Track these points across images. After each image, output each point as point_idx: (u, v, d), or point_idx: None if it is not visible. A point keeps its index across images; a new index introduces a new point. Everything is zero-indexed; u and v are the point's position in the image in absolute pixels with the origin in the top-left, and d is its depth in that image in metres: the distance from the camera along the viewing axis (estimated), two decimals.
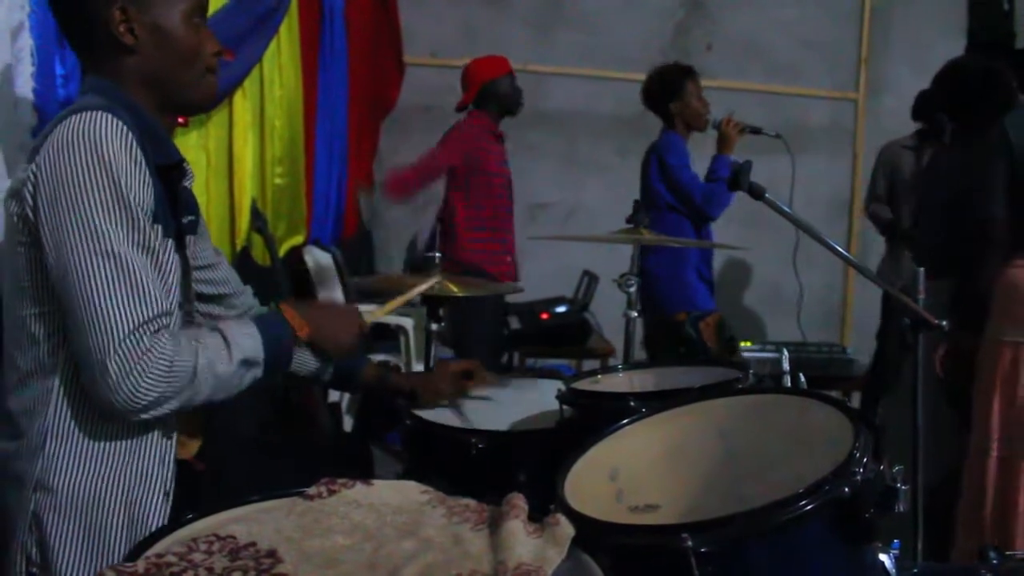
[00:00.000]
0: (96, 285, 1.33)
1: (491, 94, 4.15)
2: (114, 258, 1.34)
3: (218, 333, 1.44)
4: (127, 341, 1.32)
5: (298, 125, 3.90)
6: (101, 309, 1.33)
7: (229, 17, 2.84)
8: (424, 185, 4.06)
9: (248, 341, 1.46)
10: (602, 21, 5.83)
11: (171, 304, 1.45)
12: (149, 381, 1.33)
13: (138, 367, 1.32)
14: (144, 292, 1.36)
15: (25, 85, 1.93)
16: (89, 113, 1.37)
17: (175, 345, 1.36)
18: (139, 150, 1.39)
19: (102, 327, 1.32)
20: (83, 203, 1.34)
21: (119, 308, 1.33)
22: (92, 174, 1.34)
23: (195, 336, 1.42)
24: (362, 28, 4.90)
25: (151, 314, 1.36)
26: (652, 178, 3.83)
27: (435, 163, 4.05)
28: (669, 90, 3.82)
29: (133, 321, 1.33)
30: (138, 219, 1.37)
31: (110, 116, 1.37)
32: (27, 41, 1.93)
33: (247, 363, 1.46)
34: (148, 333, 1.35)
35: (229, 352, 1.42)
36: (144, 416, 1.36)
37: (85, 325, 1.33)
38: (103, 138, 1.35)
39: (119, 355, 1.32)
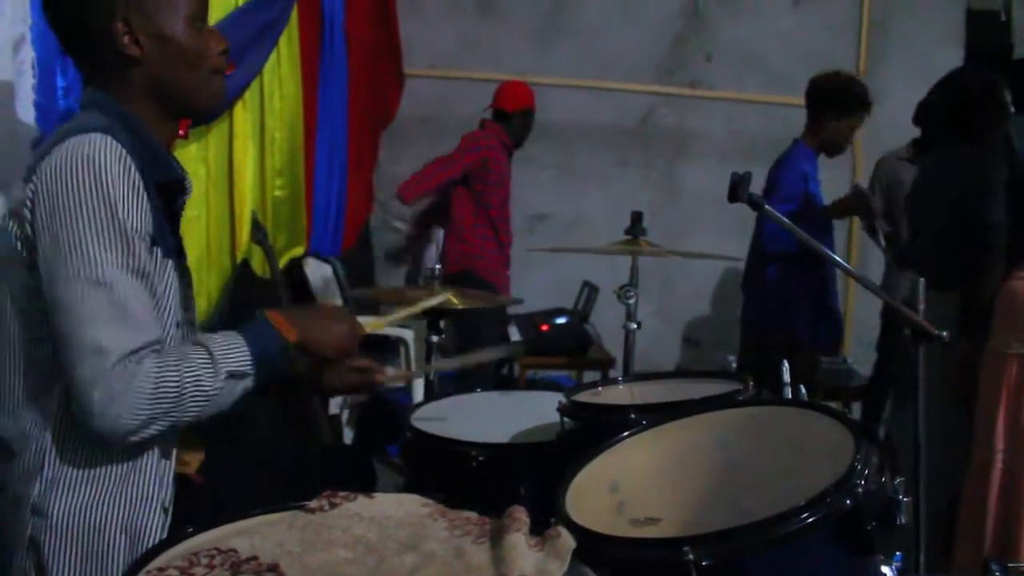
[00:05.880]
0: (86, 312, 1.32)
1: (521, 118, 4.39)
2: (106, 286, 1.33)
3: (203, 348, 1.42)
4: (114, 371, 1.31)
5: (298, 137, 3.91)
6: (90, 337, 1.31)
7: (229, 29, 2.84)
8: (437, 182, 4.23)
9: (234, 353, 1.43)
10: (601, 32, 5.84)
11: (165, 330, 1.44)
12: (133, 408, 1.32)
13: (122, 396, 1.31)
14: (134, 321, 1.34)
15: (26, 97, 1.94)
16: (89, 136, 1.36)
17: (160, 366, 1.35)
18: (138, 174, 1.38)
19: (90, 355, 1.31)
20: (78, 228, 1.33)
21: (108, 337, 1.32)
22: (89, 199, 1.33)
23: (180, 354, 1.39)
24: (362, 40, 4.91)
25: (140, 343, 1.34)
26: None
27: (453, 163, 4.19)
28: (838, 103, 3.58)
29: (121, 350, 1.32)
30: (134, 245, 1.36)
31: (110, 139, 1.36)
32: (28, 53, 1.94)
33: (235, 376, 1.43)
34: (135, 361, 1.33)
35: (215, 367, 1.40)
36: (132, 439, 1.35)
37: (74, 352, 1.32)
38: (102, 163, 1.34)
39: (106, 384, 1.31)
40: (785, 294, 3.56)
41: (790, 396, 1.83)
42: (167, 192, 1.52)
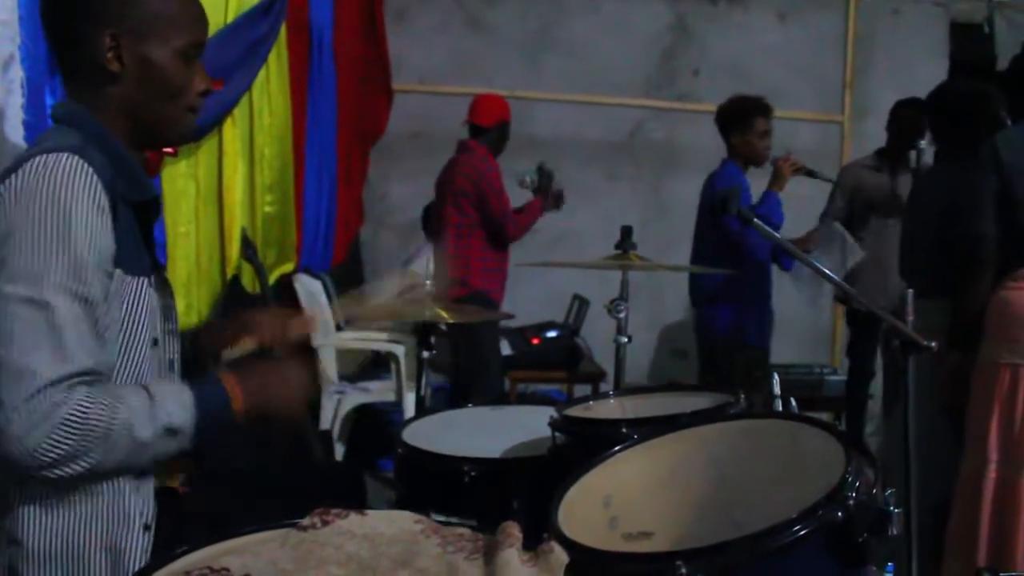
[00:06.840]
0: (18, 332, 1.26)
1: (499, 132, 4.33)
2: (45, 308, 1.28)
3: (144, 394, 1.35)
4: (39, 396, 1.25)
5: (288, 153, 3.91)
6: (18, 358, 1.26)
7: (218, 46, 2.85)
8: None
9: (178, 408, 1.36)
10: (589, 47, 5.88)
11: (138, 350, 1.41)
12: (54, 439, 1.25)
13: (43, 424, 1.24)
14: (69, 347, 1.28)
15: (15, 116, 1.94)
16: (55, 155, 1.33)
17: (91, 401, 1.28)
18: (104, 194, 1.35)
19: (15, 378, 1.25)
20: (27, 247, 1.29)
21: (38, 360, 1.26)
22: (44, 219, 1.30)
23: (116, 394, 1.33)
24: (350, 56, 4.93)
25: (69, 371, 1.28)
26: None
27: (505, 211, 4.25)
28: (736, 121, 3.85)
29: (50, 376, 1.26)
30: (83, 270, 1.31)
31: (77, 159, 1.33)
32: (17, 73, 1.94)
33: (171, 431, 1.35)
34: (63, 389, 1.27)
35: (153, 415, 1.34)
36: (47, 473, 1.27)
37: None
38: (63, 182, 1.31)
39: (26, 410, 1.24)
40: (743, 299, 3.75)
41: (781, 409, 1.84)
42: (142, 210, 1.49)
